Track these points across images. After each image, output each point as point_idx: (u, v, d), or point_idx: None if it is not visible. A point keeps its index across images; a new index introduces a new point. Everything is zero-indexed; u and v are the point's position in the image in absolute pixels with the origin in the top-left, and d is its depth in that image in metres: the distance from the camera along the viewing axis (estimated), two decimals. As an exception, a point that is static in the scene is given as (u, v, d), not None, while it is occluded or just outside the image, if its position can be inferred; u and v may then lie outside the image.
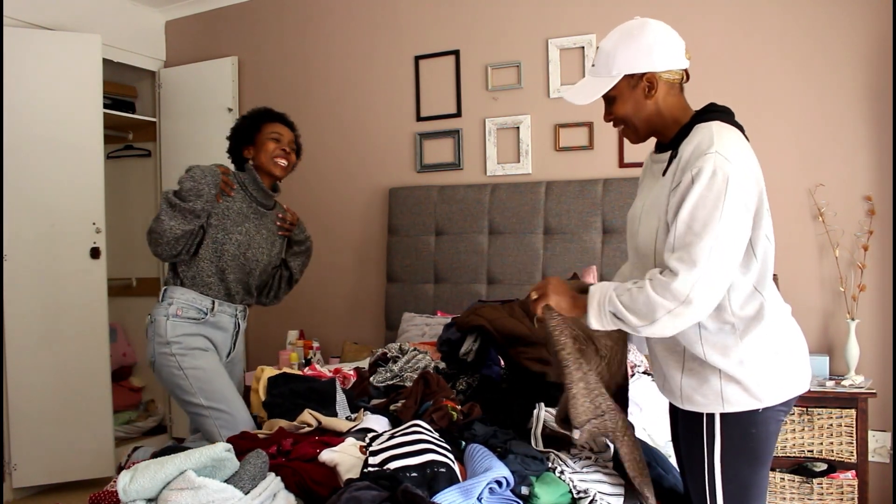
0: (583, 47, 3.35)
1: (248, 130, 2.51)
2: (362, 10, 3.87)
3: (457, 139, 3.65)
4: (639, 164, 3.25)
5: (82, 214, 3.66)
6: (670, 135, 1.60)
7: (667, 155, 1.58)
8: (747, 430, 1.54)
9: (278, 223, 2.57)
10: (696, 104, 1.62)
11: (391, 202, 3.73)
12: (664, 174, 1.56)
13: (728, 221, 1.41)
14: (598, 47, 1.61)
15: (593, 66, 1.61)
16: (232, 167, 2.53)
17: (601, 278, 3.14)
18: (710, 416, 1.55)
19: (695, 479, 1.61)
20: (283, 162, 2.48)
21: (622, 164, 3.31)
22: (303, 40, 4.04)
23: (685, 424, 1.64)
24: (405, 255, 3.66)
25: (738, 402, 1.52)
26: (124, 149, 4.52)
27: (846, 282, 2.92)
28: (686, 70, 1.60)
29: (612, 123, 1.65)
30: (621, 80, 1.56)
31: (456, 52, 3.64)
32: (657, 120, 1.59)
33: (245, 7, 4.20)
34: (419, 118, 3.74)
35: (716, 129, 1.48)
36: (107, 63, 3.86)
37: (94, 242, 3.69)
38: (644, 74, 1.55)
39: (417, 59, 3.73)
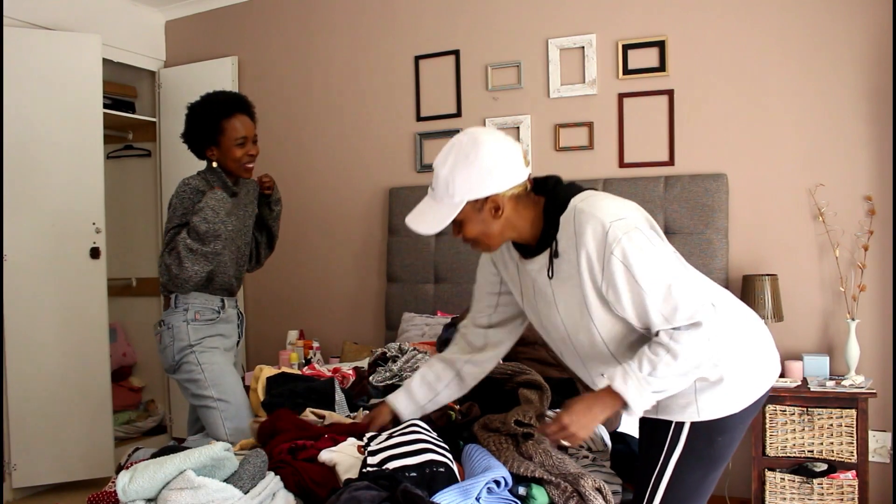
0: (583, 47, 3.35)
1: (208, 131, 2.39)
2: (362, 10, 3.86)
3: (457, 139, 3.64)
4: (640, 164, 3.24)
5: (82, 214, 3.66)
6: (528, 235, 1.56)
7: (545, 255, 1.54)
8: (713, 438, 1.56)
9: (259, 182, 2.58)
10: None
11: (391, 202, 3.73)
12: (551, 274, 1.53)
13: (669, 258, 1.46)
14: (433, 169, 1.51)
15: (433, 189, 1.51)
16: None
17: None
18: (679, 425, 1.56)
19: (642, 473, 1.63)
20: (251, 164, 2.45)
21: (622, 164, 3.30)
22: (303, 40, 4.03)
23: (649, 428, 1.65)
24: (405, 255, 3.65)
25: (712, 411, 1.54)
26: (124, 149, 4.52)
27: (846, 282, 2.92)
28: (529, 177, 1.54)
29: (463, 241, 1.58)
30: (465, 206, 1.48)
31: (456, 52, 3.64)
32: (509, 231, 1.54)
33: (245, 7, 4.20)
34: (419, 118, 3.74)
35: (586, 207, 1.47)
36: (107, 63, 3.85)
37: (94, 242, 3.69)
38: (488, 197, 1.48)
39: (417, 59, 3.73)
